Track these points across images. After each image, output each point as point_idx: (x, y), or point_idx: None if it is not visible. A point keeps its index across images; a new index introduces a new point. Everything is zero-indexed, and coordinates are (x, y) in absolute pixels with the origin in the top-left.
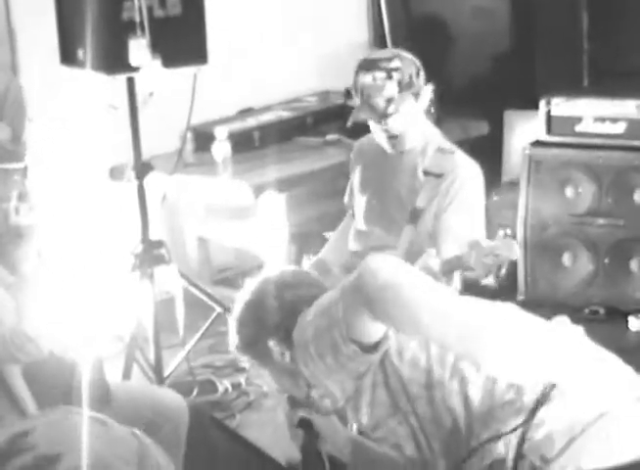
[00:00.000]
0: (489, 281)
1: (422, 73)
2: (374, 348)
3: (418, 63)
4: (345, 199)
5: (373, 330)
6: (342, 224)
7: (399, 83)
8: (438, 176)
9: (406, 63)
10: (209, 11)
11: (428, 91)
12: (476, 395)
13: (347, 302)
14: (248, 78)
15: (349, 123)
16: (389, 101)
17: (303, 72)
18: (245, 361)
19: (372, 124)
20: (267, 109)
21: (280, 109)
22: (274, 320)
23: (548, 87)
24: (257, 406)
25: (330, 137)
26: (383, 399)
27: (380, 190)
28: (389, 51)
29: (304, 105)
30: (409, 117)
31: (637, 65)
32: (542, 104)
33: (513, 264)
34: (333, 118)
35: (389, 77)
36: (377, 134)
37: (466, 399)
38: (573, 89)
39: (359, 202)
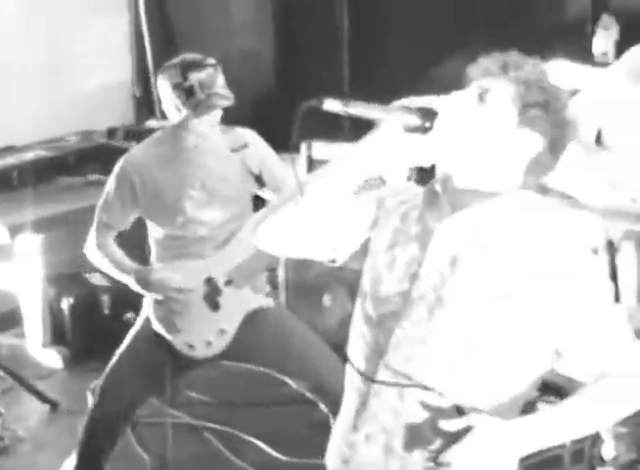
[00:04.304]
0: None
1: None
2: None
3: None
4: (107, 216)
5: None
6: (102, 242)
7: None
8: (246, 146)
9: None
10: None
11: None
12: None
13: None
14: (9, 115)
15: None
16: None
17: (66, 111)
18: None
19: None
20: (28, 147)
21: (40, 148)
22: None
23: (310, 131)
24: (13, 452)
25: (91, 177)
26: None
27: (197, 180)
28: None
29: (66, 144)
30: None
31: None
32: (304, 147)
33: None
34: (95, 158)
35: None
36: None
37: None
38: (334, 133)
39: (169, 203)
